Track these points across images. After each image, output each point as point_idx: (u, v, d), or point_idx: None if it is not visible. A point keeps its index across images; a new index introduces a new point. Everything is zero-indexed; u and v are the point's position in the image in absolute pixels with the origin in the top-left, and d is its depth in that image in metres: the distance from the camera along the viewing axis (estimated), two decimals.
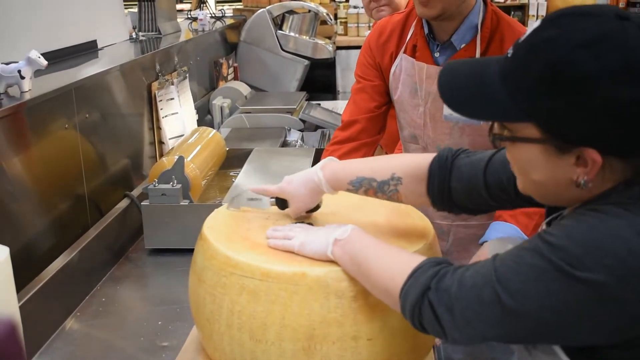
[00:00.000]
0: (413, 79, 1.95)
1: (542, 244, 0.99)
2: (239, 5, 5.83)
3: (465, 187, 1.34)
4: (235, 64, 4.24)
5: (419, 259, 1.15)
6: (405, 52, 1.97)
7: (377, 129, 2.12)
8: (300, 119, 3.34)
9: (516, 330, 1.01)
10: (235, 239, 1.41)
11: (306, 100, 3.77)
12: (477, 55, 1.87)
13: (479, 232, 1.88)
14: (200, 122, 3.24)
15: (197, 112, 3.24)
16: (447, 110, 1.86)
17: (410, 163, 1.41)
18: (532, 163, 1.04)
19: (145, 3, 3.37)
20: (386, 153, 2.72)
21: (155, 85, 2.71)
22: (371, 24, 3.21)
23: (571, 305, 0.96)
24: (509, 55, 1.04)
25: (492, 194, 1.31)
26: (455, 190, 1.36)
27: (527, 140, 1.03)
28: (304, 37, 4.37)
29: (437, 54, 1.93)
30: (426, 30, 1.94)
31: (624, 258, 0.93)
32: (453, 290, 1.05)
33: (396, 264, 1.17)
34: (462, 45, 1.90)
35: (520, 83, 1.00)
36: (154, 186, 2.11)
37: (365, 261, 1.23)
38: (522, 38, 1.02)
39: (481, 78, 1.06)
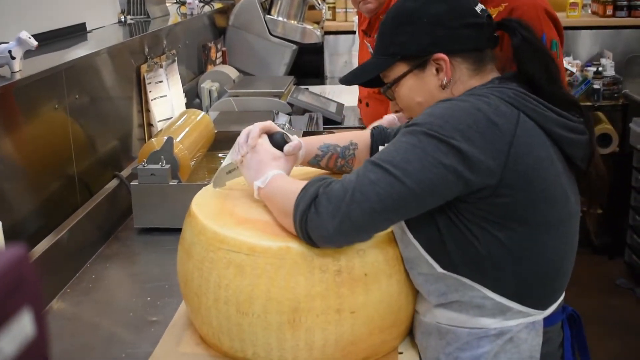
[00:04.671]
0: None
1: (409, 127, 1.29)
2: None
3: None
4: (224, 48, 4.25)
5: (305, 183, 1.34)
6: None
7: None
8: (288, 103, 3.36)
9: (400, 197, 1.23)
10: (222, 215, 1.44)
11: (294, 84, 3.80)
12: None
13: None
14: (189, 106, 3.26)
15: (186, 96, 3.25)
16: None
17: (362, 132, 1.73)
18: (412, 90, 1.44)
19: None
20: None
21: (144, 68, 2.73)
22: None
23: (442, 161, 1.22)
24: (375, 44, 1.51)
25: None
26: None
27: (401, 76, 1.43)
28: (293, 21, 4.38)
29: None
30: None
31: (470, 125, 1.24)
32: (339, 186, 1.26)
33: (293, 187, 1.35)
34: None
35: (383, 41, 1.46)
36: (143, 166, 2.13)
37: (274, 195, 1.42)
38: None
39: (363, 64, 1.55)
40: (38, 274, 0.41)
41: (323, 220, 1.25)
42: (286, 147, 1.53)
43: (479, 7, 1.40)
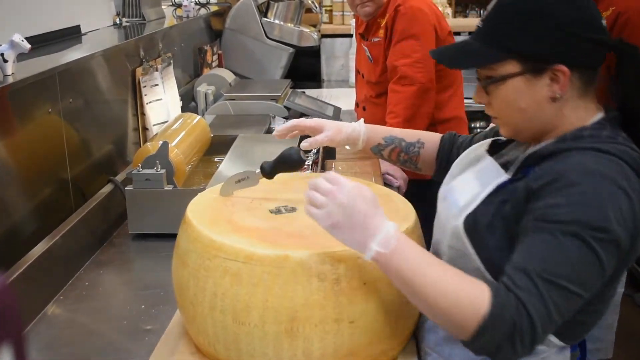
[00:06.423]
0: None
1: (567, 225, 1.16)
2: None
3: (456, 155, 1.60)
4: (220, 51, 4.23)
5: (478, 290, 1.17)
6: None
7: None
8: (284, 107, 3.34)
9: (576, 305, 1.18)
10: (218, 222, 1.41)
11: (291, 88, 3.77)
12: None
13: None
14: (185, 109, 3.24)
15: (182, 99, 3.23)
16: None
17: (432, 134, 1.74)
18: (517, 94, 1.29)
19: None
20: None
21: (139, 71, 2.70)
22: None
23: (612, 264, 1.18)
24: (480, 26, 1.34)
25: None
26: (453, 156, 1.63)
27: (511, 75, 1.28)
28: (289, 24, 4.36)
29: None
30: None
31: (621, 208, 1.17)
32: (531, 322, 1.14)
33: (457, 295, 1.17)
34: None
35: (497, 30, 1.30)
36: (138, 171, 2.10)
37: (414, 283, 1.20)
38: (488, 11, 1.34)
39: (464, 44, 1.38)
40: (18, 307, 0.38)
41: (517, 354, 1.17)
42: (303, 142, 1.58)
43: (604, 21, 1.31)
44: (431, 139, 1.73)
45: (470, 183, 1.39)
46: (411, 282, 1.20)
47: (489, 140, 1.51)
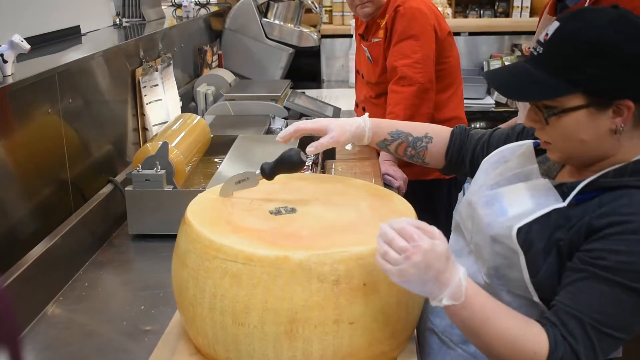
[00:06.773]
0: None
1: (623, 276, 1.20)
2: None
3: (472, 151, 1.66)
4: (220, 52, 4.23)
5: (537, 341, 1.23)
6: None
7: None
8: (284, 107, 3.34)
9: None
10: (218, 222, 1.41)
11: (291, 88, 3.77)
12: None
13: None
14: (184, 109, 3.24)
15: (181, 99, 3.23)
16: None
17: (441, 127, 1.72)
18: (579, 126, 1.27)
19: None
20: None
21: (139, 71, 2.70)
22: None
23: None
24: (539, 52, 1.30)
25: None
26: (466, 151, 1.67)
27: (575, 108, 1.26)
28: (289, 25, 4.36)
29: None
30: None
31: None
32: None
33: (520, 347, 1.23)
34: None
35: (564, 62, 1.26)
36: (138, 172, 2.10)
37: (480, 333, 1.26)
38: (548, 37, 1.29)
39: (524, 71, 1.31)
40: (14, 310, 0.38)
41: None
42: (308, 147, 1.58)
43: None
44: (440, 134, 1.71)
45: (523, 198, 1.36)
46: (477, 332, 1.26)
47: (529, 145, 1.47)
